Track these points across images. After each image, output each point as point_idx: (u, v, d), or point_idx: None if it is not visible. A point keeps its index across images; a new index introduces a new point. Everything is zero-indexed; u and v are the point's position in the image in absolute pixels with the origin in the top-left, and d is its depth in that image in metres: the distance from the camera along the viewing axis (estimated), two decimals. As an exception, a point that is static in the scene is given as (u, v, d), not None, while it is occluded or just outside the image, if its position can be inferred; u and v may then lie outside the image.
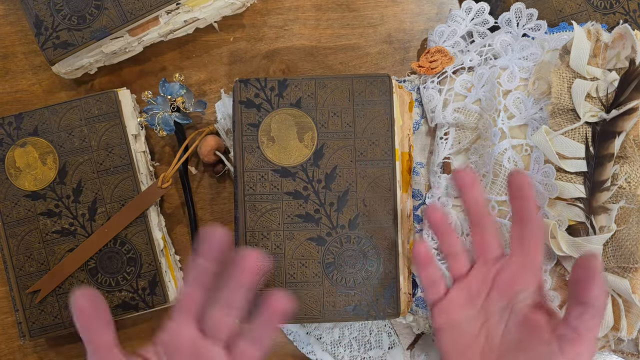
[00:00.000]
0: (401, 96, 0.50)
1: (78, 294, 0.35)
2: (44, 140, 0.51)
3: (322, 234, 0.47)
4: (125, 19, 0.51)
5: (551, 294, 0.45)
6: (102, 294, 0.50)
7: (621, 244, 0.42)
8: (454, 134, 0.52)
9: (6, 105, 0.57)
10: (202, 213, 0.56)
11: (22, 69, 0.57)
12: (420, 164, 0.54)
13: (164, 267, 0.52)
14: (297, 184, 0.47)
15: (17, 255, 0.51)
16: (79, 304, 0.35)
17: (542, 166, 0.45)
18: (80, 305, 0.35)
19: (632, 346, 0.43)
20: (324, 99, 0.48)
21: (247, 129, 0.48)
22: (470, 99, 0.51)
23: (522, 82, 0.48)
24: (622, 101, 0.43)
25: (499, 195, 0.48)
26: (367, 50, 0.57)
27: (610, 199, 0.43)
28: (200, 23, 0.54)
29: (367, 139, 0.48)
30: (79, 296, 0.35)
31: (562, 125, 0.44)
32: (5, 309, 0.56)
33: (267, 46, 0.57)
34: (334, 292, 0.47)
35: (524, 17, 0.51)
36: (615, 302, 0.43)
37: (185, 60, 0.57)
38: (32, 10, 0.51)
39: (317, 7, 0.57)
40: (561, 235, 0.43)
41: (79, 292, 0.35)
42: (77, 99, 0.51)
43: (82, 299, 0.35)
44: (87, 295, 0.35)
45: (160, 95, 0.53)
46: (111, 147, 0.51)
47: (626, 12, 0.51)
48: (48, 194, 0.51)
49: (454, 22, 0.53)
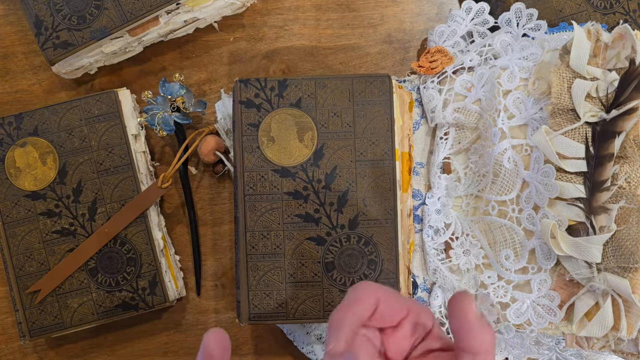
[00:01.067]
0: (401, 96, 0.50)
1: (209, 335, 0.33)
2: (44, 140, 0.51)
3: (322, 234, 0.47)
4: (125, 19, 0.51)
5: (551, 293, 0.45)
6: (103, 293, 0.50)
7: (621, 244, 0.42)
8: (454, 134, 0.52)
9: (6, 105, 0.57)
10: (202, 213, 0.56)
11: (22, 69, 0.57)
12: (420, 164, 0.54)
13: (164, 267, 0.52)
14: (297, 184, 0.47)
15: (17, 255, 0.51)
16: (209, 347, 0.33)
17: (542, 166, 0.45)
18: (209, 349, 0.33)
19: (632, 346, 0.43)
20: (324, 99, 0.48)
21: (247, 129, 0.48)
22: (470, 99, 0.51)
23: (522, 82, 0.48)
24: (622, 101, 0.43)
25: (499, 195, 0.48)
26: (367, 50, 0.57)
27: (610, 199, 0.43)
28: (200, 23, 0.54)
29: (367, 139, 0.48)
30: (210, 337, 0.33)
31: (562, 125, 0.44)
32: (5, 309, 0.56)
33: (267, 46, 0.57)
34: (334, 292, 0.47)
35: (524, 17, 0.51)
36: (615, 302, 0.43)
37: (185, 60, 0.57)
38: (32, 10, 0.51)
39: (317, 7, 0.57)
40: (561, 235, 0.43)
41: (210, 333, 0.33)
42: (77, 99, 0.51)
43: (212, 341, 0.33)
44: (217, 336, 0.34)
45: (160, 95, 0.53)
46: (111, 147, 0.51)
47: (626, 12, 0.51)
48: (48, 194, 0.51)
49: (454, 22, 0.53)
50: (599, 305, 0.44)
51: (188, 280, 0.56)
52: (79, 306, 0.51)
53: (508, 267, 0.47)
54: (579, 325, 0.44)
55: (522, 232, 0.47)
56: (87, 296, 0.51)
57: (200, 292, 0.55)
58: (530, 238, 0.46)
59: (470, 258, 0.50)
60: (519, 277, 0.47)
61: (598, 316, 0.43)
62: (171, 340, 0.55)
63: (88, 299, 0.51)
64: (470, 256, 0.50)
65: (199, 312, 0.55)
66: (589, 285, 0.44)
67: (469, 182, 0.51)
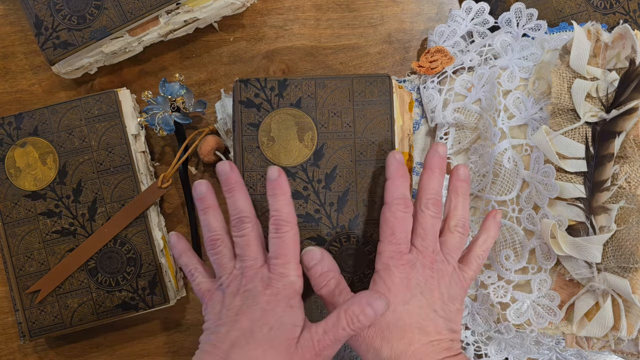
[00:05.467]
0: (401, 96, 0.50)
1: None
2: (44, 140, 0.51)
3: (322, 234, 0.47)
4: (125, 19, 0.51)
5: (551, 293, 0.45)
6: (103, 293, 0.51)
7: (621, 244, 0.42)
8: (454, 134, 0.52)
9: (6, 105, 0.57)
10: (202, 213, 0.56)
11: (22, 69, 0.57)
12: (420, 164, 0.54)
13: (164, 267, 0.52)
14: (297, 184, 0.47)
15: (17, 255, 0.51)
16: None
17: (542, 166, 0.45)
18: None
19: (632, 346, 0.43)
20: (324, 99, 0.48)
21: (247, 129, 0.48)
22: (470, 99, 0.51)
23: (522, 82, 0.48)
24: (622, 101, 0.43)
25: (499, 195, 0.48)
26: (367, 50, 0.57)
27: (610, 199, 0.43)
28: (200, 23, 0.54)
29: (367, 139, 0.48)
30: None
31: (562, 125, 0.44)
32: (5, 309, 0.56)
33: (267, 46, 0.57)
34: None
35: (524, 17, 0.51)
36: (615, 302, 0.43)
37: (185, 60, 0.57)
38: (32, 10, 0.51)
39: (317, 7, 0.57)
40: (561, 235, 0.43)
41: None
42: (77, 99, 0.51)
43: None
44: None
45: (160, 95, 0.53)
46: (111, 147, 0.51)
47: (626, 12, 0.51)
48: (48, 194, 0.51)
49: (454, 22, 0.53)
50: (599, 305, 0.44)
51: (188, 280, 0.56)
52: (79, 306, 0.51)
53: (508, 267, 0.47)
54: (579, 325, 0.45)
55: (522, 232, 0.47)
56: (87, 296, 0.51)
57: (200, 292, 0.55)
58: (530, 238, 0.46)
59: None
60: (519, 277, 0.47)
61: (598, 316, 0.43)
62: (171, 340, 0.55)
63: (88, 299, 0.51)
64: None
65: (199, 312, 0.55)
66: (589, 285, 0.44)
67: (469, 182, 0.52)
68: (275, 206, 0.43)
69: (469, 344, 0.52)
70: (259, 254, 0.43)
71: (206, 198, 0.45)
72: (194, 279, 0.45)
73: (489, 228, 0.46)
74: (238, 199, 0.44)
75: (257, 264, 0.42)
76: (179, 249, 0.46)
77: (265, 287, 0.41)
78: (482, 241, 0.45)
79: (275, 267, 0.42)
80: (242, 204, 0.44)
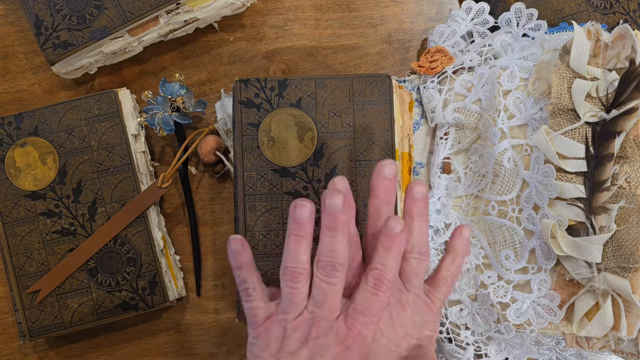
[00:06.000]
0: (401, 96, 0.50)
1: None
2: (44, 140, 0.51)
3: (322, 234, 0.47)
4: (125, 19, 0.51)
5: (551, 293, 0.45)
6: (103, 293, 0.50)
7: (621, 244, 0.42)
8: (454, 134, 0.52)
9: (6, 105, 0.57)
10: (202, 213, 0.56)
11: (22, 69, 0.57)
12: (420, 164, 0.54)
13: (164, 267, 0.52)
14: (297, 184, 0.47)
15: (17, 255, 0.51)
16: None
17: (542, 166, 0.45)
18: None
19: (632, 346, 0.43)
20: (324, 99, 0.48)
21: (247, 129, 0.48)
22: (470, 99, 0.51)
23: (522, 82, 0.48)
24: (622, 101, 0.43)
25: (499, 195, 0.48)
26: (367, 50, 0.57)
27: (610, 199, 0.43)
28: (200, 23, 0.54)
29: (367, 139, 0.48)
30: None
31: (562, 125, 0.44)
32: (5, 309, 0.56)
33: (267, 46, 0.57)
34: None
35: (524, 17, 0.51)
36: (615, 302, 0.43)
37: (185, 60, 0.57)
38: (32, 10, 0.51)
39: (317, 7, 0.57)
40: (561, 235, 0.43)
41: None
42: (77, 99, 0.51)
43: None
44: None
45: (160, 95, 0.53)
46: (111, 147, 0.51)
47: (626, 12, 0.51)
48: (48, 194, 0.51)
49: (454, 22, 0.53)
50: (599, 305, 0.44)
51: (188, 280, 0.56)
52: (79, 306, 0.51)
53: (508, 267, 0.47)
54: (579, 325, 0.44)
55: (522, 232, 0.47)
56: (87, 296, 0.51)
57: (200, 292, 0.55)
58: (530, 238, 0.46)
59: (470, 258, 0.50)
60: (519, 277, 0.47)
61: (598, 316, 0.43)
62: (171, 340, 0.55)
63: (88, 299, 0.51)
64: (470, 256, 0.50)
65: (199, 312, 0.55)
66: (589, 285, 0.44)
67: (469, 182, 0.51)
68: (380, 260, 0.39)
69: (469, 344, 0.52)
70: (338, 306, 0.39)
71: (309, 224, 0.40)
72: (250, 300, 0.41)
73: (455, 247, 0.43)
74: (339, 242, 0.39)
75: (333, 315, 0.39)
76: (239, 260, 0.42)
77: (339, 343, 0.38)
78: (448, 262, 0.43)
79: (355, 324, 0.38)
80: (340, 249, 0.39)
